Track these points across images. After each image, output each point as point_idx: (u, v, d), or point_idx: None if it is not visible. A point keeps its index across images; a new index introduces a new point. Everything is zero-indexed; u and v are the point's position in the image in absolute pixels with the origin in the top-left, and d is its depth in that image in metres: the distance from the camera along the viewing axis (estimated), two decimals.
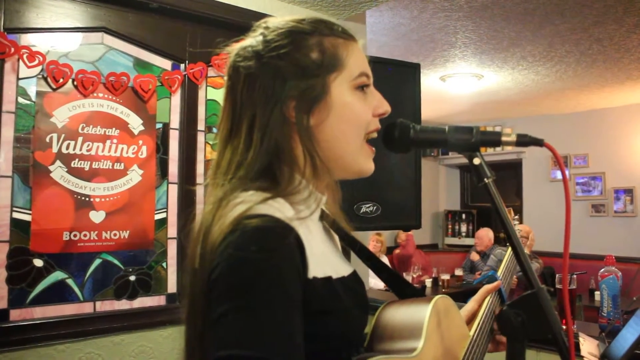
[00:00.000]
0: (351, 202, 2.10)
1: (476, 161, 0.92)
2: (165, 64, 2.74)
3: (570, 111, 7.52)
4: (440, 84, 5.98)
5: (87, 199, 2.43)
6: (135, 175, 2.57)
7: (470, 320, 1.28)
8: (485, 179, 0.91)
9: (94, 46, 2.51)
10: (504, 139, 0.92)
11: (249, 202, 0.82)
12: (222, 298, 0.76)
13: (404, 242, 7.12)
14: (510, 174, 8.23)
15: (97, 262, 2.46)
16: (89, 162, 2.44)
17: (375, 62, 2.34)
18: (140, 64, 2.65)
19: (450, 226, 8.60)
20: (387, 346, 1.00)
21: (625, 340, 1.11)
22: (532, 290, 0.89)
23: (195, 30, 2.81)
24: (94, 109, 2.47)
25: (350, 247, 1.10)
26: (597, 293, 5.32)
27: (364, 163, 0.98)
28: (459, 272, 6.98)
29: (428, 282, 6.48)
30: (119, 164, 2.52)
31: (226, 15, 2.85)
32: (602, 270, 2.15)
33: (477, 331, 1.19)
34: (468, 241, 8.02)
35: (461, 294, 6.41)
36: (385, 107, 0.98)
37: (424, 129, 0.96)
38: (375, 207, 2.12)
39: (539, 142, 0.91)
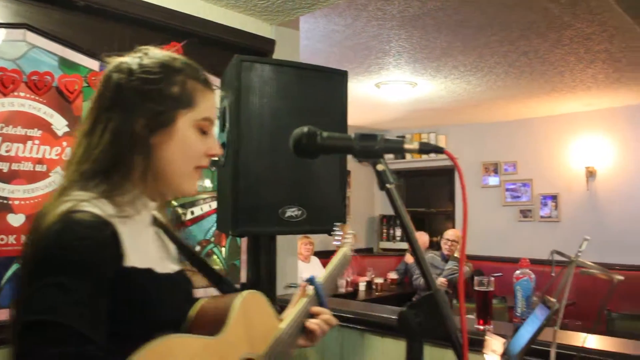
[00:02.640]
0: (276, 206, 2.11)
1: (379, 167, 0.95)
2: (93, 64, 2.67)
3: (501, 120, 7.79)
4: (376, 91, 6.07)
5: (5, 201, 2.34)
6: (58, 178, 2.50)
7: None
8: (387, 185, 0.94)
9: (16, 43, 2.43)
10: (406, 146, 0.96)
11: (76, 200, 1.00)
12: (36, 275, 0.92)
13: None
14: (444, 180, 8.44)
15: (16, 267, 2.38)
16: (8, 164, 2.35)
17: (304, 69, 2.37)
18: (65, 64, 2.59)
19: (385, 230, 8.73)
20: (198, 331, 1.14)
21: (522, 337, 1.17)
22: (430, 292, 0.93)
23: (125, 31, 2.76)
24: (15, 108, 2.39)
25: (179, 249, 1.29)
26: None
27: (188, 186, 1.16)
28: (393, 275, 7.11)
29: (362, 286, 6.58)
30: (40, 165, 2.45)
31: (157, 17, 2.82)
32: (517, 272, 2.25)
33: (287, 326, 1.33)
34: (403, 245, 8.15)
35: (394, 297, 6.55)
36: (216, 150, 1.18)
37: (330, 136, 0.99)
38: (300, 212, 2.14)
39: (439, 150, 0.96)
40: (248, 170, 2.12)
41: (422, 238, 7.00)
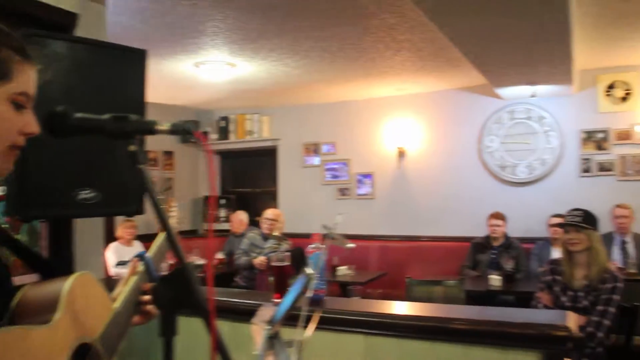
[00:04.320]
0: (68, 188, 2.04)
1: (131, 148, 0.98)
2: None
3: (321, 102, 8.09)
4: (195, 70, 5.98)
5: None
6: None
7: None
8: (139, 166, 0.97)
9: None
10: (157, 127, 1.00)
11: None
12: None
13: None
14: (267, 161, 8.59)
15: None
16: None
17: (101, 46, 2.30)
18: None
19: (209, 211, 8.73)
20: (25, 321, 1.05)
21: (284, 304, 1.28)
22: (180, 266, 0.98)
23: None
24: None
25: None
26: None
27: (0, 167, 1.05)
28: (220, 255, 7.18)
29: None
30: None
31: None
32: (311, 246, 2.40)
33: (121, 306, 1.31)
34: (227, 226, 8.22)
35: (215, 277, 6.61)
36: (33, 129, 1.06)
37: (83, 117, 1.00)
38: (95, 194, 2.09)
39: (189, 132, 1.01)
40: (36, 151, 2.01)
41: (238, 217, 7.17)
